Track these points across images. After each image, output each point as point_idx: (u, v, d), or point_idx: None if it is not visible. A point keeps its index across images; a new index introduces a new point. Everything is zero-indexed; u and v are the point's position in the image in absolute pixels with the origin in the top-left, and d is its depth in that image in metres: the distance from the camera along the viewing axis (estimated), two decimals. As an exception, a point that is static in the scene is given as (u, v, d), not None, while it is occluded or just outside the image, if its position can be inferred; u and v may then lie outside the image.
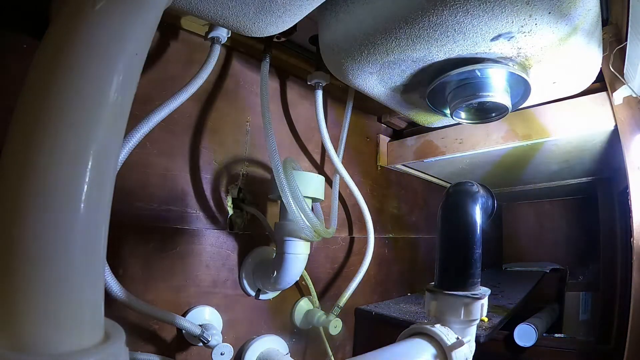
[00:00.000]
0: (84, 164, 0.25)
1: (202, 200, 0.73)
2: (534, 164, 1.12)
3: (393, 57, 0.60)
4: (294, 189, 0.63)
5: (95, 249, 0.26)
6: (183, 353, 0.67)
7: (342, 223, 1.02)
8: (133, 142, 0.52)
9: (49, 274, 0.23)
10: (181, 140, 0.71)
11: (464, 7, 0.48)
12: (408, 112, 0.81)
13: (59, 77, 0.25)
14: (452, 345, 0.50)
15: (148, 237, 0.65)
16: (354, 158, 1.08)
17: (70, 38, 0.26)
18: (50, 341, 0.23)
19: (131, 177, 0.63)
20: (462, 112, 0.67)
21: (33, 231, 0.23)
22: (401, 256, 1.23)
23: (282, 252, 0.69)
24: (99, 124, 0.26)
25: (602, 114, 0.75)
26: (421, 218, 1.37)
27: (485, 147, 0.93)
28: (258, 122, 0.83)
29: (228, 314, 0.73)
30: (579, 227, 1.65)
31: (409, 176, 1.29)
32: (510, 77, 0.59)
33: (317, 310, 0.85)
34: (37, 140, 0.24)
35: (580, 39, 0.53)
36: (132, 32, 0.29)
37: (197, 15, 0.52)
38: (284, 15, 0.52)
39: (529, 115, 0.85)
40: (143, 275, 0.63)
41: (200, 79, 0.62)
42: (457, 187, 0.60)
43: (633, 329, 0.68)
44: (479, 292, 0.54)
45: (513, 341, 0.85)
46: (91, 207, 0.25)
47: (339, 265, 0.99)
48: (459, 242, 0.56)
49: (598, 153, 0.95)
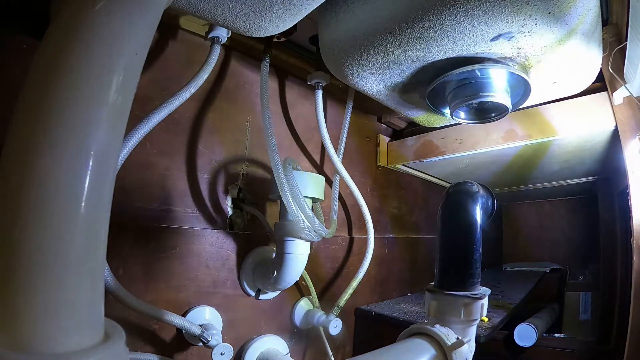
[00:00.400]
0: (84, 164, 0.25)
1: (202, 200, 0.73)
2: (534, 164, 1.12)
3: (393, 57, 0.60)
4: (294, 189, 0.63)
5: (96, 249, 0.26)
6: (183, 353, 0.67)
7: (342, 223, 1.02)
8: (133, 142, 0.52)
9: (49, 274, 0.23)
10: (181, 140, 0.71)
11: (464, 7, 0.48)
12: (408, 112, 0.81)
13: (59, 77, 0.25)
14: (452, 345, 0.50)
15: (148, 237, 0.65)
16: (354, 158, 1.08)
17: (70, 38, 0.26)
18: (50, 341, 0.23)
19: (131, 177, 0.63)
20: (462, 112, 0.67)
21: (33, 231, 0.23)
22: (401, 256, 1.23)
23: (282, 252, 0.69)
24: (99, 124, 0.26)
25: (602, 114, 0.75)
26: (421, 218, 1.37)
27: (485, 147, 0.93)
28: (258, 122, 0.83)
29: (228, 314, 0.73)
30: (579, 227, 1.66)
31: (409, 176, 1.29)
32: (510, 77, 0.59)
33: (317, 310, 0.85)
34: (37, 140, 0.24)
35: (580, 39, 0.53)
36: (132, 32, 0.29)
37: (197, 15, 0.52)
38: (284, 15, 0.52)
39: (529, 115, 0.85)
40: (143, 275, 0.63)
41: (200, 79, 0.62)
42: (457, 187, 0.60)
43: (633, 329, 0.68)
44: (479, 292, 0.54)
45: (513, 341, 0.85)
46: (91, 207, 0.25)
47: (339, 265, 0.99)
48: (459, 242, 0.56)
49: (598, 153, 0.95)
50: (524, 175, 1.32)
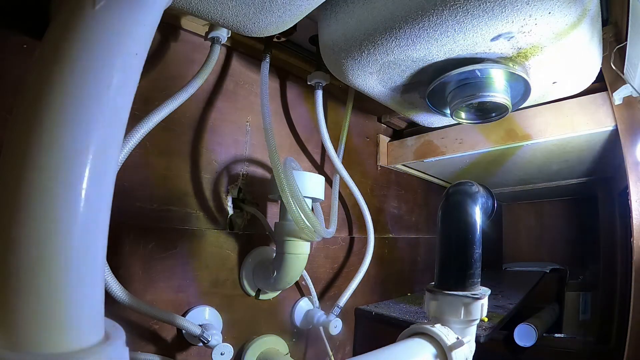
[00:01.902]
0: (84, 164, 0.25)
1: (202, 200, 0.73)
2: (535, 164, 1.12)
3: (393, 57, 0.60)
4: (294, 189, 0.63)
5: (96, 249, 0.26)
6: (183, 353, 0.67)
7: (342, 223, 1.02)
8: (133, 142, 0.52)
9: (48, 274, 0.23)
10: (181, 140, 0.71)
11: (464, 7, 0.48)
12: (408, 112, 0.81)
13: (58, 77, 0.25)
14: (452, 345, 0.50)
15: (148, 237, 0.64)
16: (354, 158, 1.08)
17: (70, 38, 0.26)
18: (50, 341, 0.23)
19: (131, 177, 0.63)
20: (462, 112, 0.67)
21: (33, 231, 0.23)
22: (401, 256, 1.23)
23: (282, 252, 0.69)
24: (99, 124, 0.26)
25: (602, 114, 0.75)
26: (421, 218, 1.37)
27: (485, 147, 0.93)
28: (258, 122, 0.83)
29: (228, 314, 0.73)
30: (579, 227, 1.65)
31: (409, 176, 1.29)
32: (510, 77, 0.59)
33: (317, 310, 0.85)
34: (37, 140, 0.24)
35: (580, 39, 0.53)
36: (132, 32, 0.29)
37: (197, 15, 0.52)
38: (284, 15, 0.52)
39: (529, 115, 0.85)
40: (143, 275, 0.63)
41: (200, 79, 0.62)
42: (457, 187, 0.60)
43: (633, 329, 0.68)
44: (479, 292, 0.54)
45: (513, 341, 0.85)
46: (91, 207, 0.25)
47: (339, 265, 0.99)
48: (459, 242, 0.56)
49: (598, 153, 0.95)
50: (524, 175, 1.32)
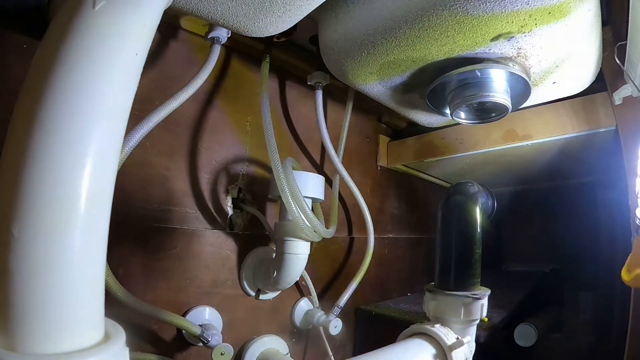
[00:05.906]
0: (84, 164, 0.25)
1: (202, 201, 0.73)
2: (535, 164, 1.12)
3: (393, 57, 0.60)
4: (294, 189, 0.63)
5: (96, 249, 0.26)
6: (183, 353, 0.67)
7: (342, 223, 1.02)
8: (133, 142, 0.52)
9: (48, 273, 0.23)
10: (181, 140, 0.71)
11: (464, 7, 0.48)
12: (408, 112, 0.81)
13: (58, 77, 0.25)
14: (452, 345, 0.50)
15: (148, 237, 0.65)
16: (354, 158, 1.08)
17: (70, 38, 0.26)
18: (50, 341, 0.23)
19: (131, 177, 0.63)
20: (462, 112, 0.67)
21: (32, 231, 0.23)
22: (401, 256, 1.23)
23: (282, 252, 0.69)
24: (98, 125, 0.26)
25: (602, 114, 0.75)
26: (421, 218, 1.36)
27: (485, 147, 0.93)
28: (258, 122, 0.82)
29: (228, 314, 0.73)
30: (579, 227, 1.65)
31: (409, 176, 1.29)
32: (510, 77, 0.59)
33: (317, 310, 0.85)
34: (37, 140, 0.24)
35: (580, 39, 0.53)
36: (132, 33, 0.29)
37: (197, 15, 0.52)
38: (284, 15, 0.52)
39: (529, 115, 0.85)
40: (143, 275, 0.63)
41: (200, 79, 0.62)
42: (457, 187, 0.60)
43: (633, 329, 0.68)
44: (479, 292, 0.55)
45: (513, 341, 0.85)
46: (91, 207, 0.25)
47: (339, 265, 0.99)
48: (459, 242, 0.56)
49: (598, 153, 0.95)
50: (524, 175, 1.32)
